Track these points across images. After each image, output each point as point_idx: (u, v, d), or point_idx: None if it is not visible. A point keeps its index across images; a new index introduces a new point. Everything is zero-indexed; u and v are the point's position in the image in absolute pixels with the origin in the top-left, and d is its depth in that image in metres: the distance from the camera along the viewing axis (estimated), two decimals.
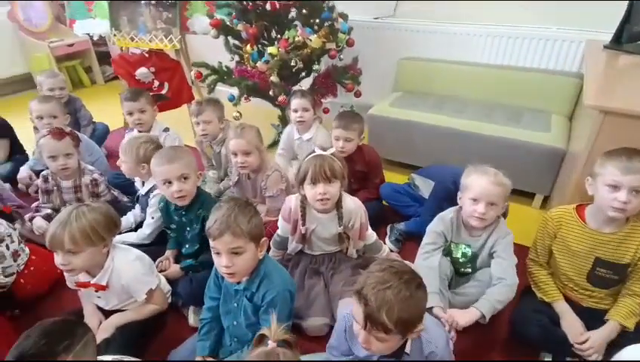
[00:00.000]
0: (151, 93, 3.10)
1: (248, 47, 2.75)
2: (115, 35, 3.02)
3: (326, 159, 1.54)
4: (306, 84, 2.96)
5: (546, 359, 1.42)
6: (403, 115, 2.60)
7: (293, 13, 2.72)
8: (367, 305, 0.94)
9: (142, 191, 1.99)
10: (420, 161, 2.55)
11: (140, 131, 2.37)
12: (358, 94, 2.90)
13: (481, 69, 2.72)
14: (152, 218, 1.90)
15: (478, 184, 1.42)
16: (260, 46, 2.81)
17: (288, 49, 2.61)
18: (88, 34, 3.21)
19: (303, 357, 1.35)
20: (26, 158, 2.69)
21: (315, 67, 2.71)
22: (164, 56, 3.08)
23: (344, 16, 2.77)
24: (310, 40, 2.58)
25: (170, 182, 1.62)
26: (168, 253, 1.83)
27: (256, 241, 1.24)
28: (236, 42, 2.88)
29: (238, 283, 1.31)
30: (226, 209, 1.22)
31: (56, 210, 2.10)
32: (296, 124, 2.36)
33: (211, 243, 1.21)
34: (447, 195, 1.95)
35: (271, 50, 2.64)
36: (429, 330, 1.08)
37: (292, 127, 2.46)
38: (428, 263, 1.52)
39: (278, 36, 2.77)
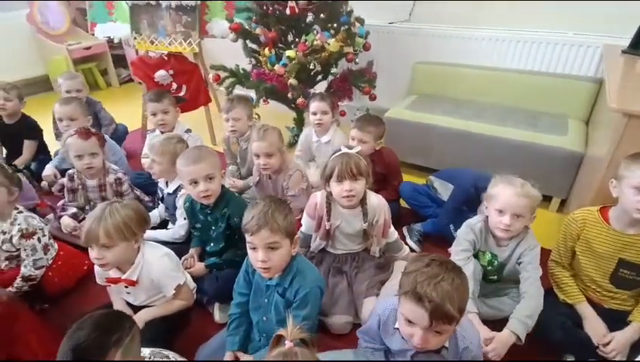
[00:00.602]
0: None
1: (266, 51, 2.80)
2: (135, 39, 3.08)
3: (352, 157, 1.57)
4: (321, 87, 3.01)
5: (569, 360, 1.42)
6: (419, 118, 2.63)
7: (310, 17, 2.76)
8: (430, 301, 0.95)
9: (168, 190, 2.02)
10: (437, 164, 2.58)
11: (162, 132, 2.42)
12: (372, 97, 2.94)
13: (497, 73, 2.75)
14: (185, 218, 1.93)
15: (504, 195, 1.42)
16: (276, 49, 2.86)
17: (306, 52, 2.66)
18: (109, 37, 3.27)
19: (326, 355, 1.38)
20: (49, 158, 2.74)
21: (333, 70, 2.75)
22: (183, 59, 3.14)
23: (361, 21, 2.81)
24: (328, 44, 2.62)
25: (196, 182, 1.65)
26: (192, 251, 1.86)
27: (291, 238, 1.27)
28: (253, 46, 2.93)
29: (270, 279, 1.34)
30: (262, 205, 1.25)
31: (81, 209, 2.15)
32: (314, 127, 2.40)
33: (248, 238, 1.24)
34: (466, 199, 1.98)
35: (289, 53, 2.68)
36: (463, 327, 1.10)
37: (310, 130, 2.49)
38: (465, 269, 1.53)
39: (296, 40, 2.81)
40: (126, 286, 1.51)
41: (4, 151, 2.76)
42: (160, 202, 2.15)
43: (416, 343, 1.02)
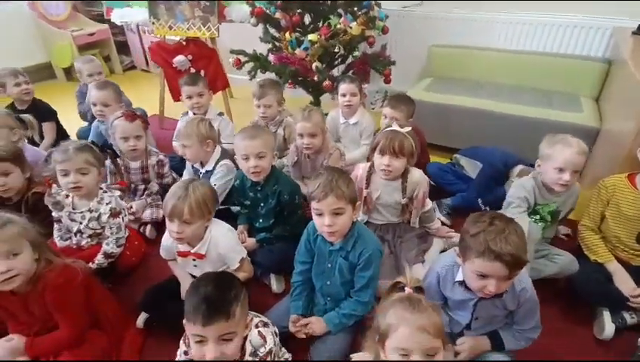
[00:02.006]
0: None
1: (287, 35, 2.85)
2: (153, 24, 3.08)
3: (398, 135, 1.68)
4: (337, 71, 3.08)
5: (604, 312, 1.58)
6: (439, 99, 2.74)
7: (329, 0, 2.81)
8: (507, 254, 1.06)
9: (207, 168, 2.06)
10: (457, 143, 2.70)
11: (195, 115, 2.46)
12: (387, 81, 3.02)
13: (510, 54, 2.88)
14: (215, 185, 1.98)
15: (563, 154, 1.57)
16: (296, 33, 2.90)
17: (327, 36, 2.73)
18: (126, 22, 3.25)
19: None
20: None
21: (355, 53, 2.82)
22: (201, 44, 3.16)
23: (378, 4, 2.87)
24: (350, 27, 2.69)
25: (247, 158, 1.73)
26: (241, 227, 1.95)
27: (353, 204, 1.37)
28: (271, 30, 2.97)
29: (332, 244, 1.44)
30: (327, 175, 1.34)
31: (122, 191, 2.20)
32: (342, 108, 2.48)
33: (315, 205, 1.32)
34: (496, 175, 2.13)
35: (311, 37, 2.74)
36: None
37: (337, 112, 2.57)
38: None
39: (318, 24, 2.86)
40: (194, 260, 1.59)
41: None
42: None
43: (491, 292, 1.14)
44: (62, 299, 1.28)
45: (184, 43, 3.13)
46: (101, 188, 1.78)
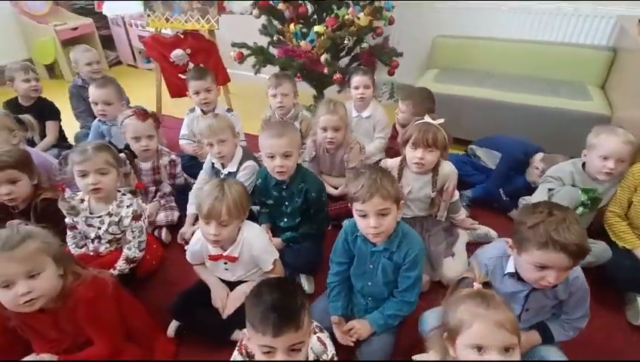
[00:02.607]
0: (184, 76, 3.08)
1: (292, 26, 2.77)
2: (149, 16, 2.94)
3: (431, 127, 1.64)
4: (342, 63, 3.02)
5: (638, 298, 1.60)
6: (448, 90, 2.71)
7: None
8: (572, 244, 1.05)
9: (229, 169, 1.98)
10: (466, 134, 2.69)
11: (203, 111, 2.37)
12: (391, 73, 2.99)
13: (515, 44, 2.88)
14: None
15: (609, 143, 1.60)
16: (299, 25, 2.82)
17: (334, 28, 2.66)
18: (119, 15, 3.10)
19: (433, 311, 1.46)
20: (69, 147, 2.61)
21: (364, 45, 2.77)
22: (200, 37, 3.04)
23: None
24: (358, 18, 2.63)
25: (273, 157, 1.67)
26: (264, 227, 1.88)
27: (397, 203, 1.33)
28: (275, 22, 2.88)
29: (375, 245, 1.40)
30: (369, 174, 1.29)
31: (133, 193, 2.09)
32: (355, 102, 2.43)
33: (359, 206, 1.27)
34: (516, 165, 2.13)
35: (317, 28, 2.67)
36: None
37: (350, 105, 2.51)
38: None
39: (322, 15, 2.79)
40: (225, 263, 1.53)
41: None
42: None
43: (550, 283, 1.12)
44: (94, 314, 1.20)
45: (182, 36, 3.01)
46: (119, 191, 1.68)
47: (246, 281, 1.58)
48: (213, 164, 2.06)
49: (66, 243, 1.70)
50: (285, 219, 1.86)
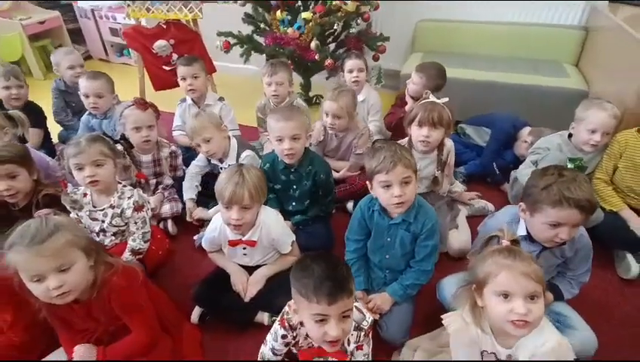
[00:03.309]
0: (169, 68, 3.02)
1: (278, 14, 2.76)
2: (129, 6, 2.84)
3: (436, 106, 1.71)
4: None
5: (627, 255, 1.74)
6: None
7: None
8: (584, 200, 1.14)
9: (227, 162, 1.97)
10: (455, 114, 2.78)
11: (192, 99, 2.34)
12: (376, 57, 3.04)
13: (495, 26, 3.00)
14: None
15: (597, 117, 1.71)
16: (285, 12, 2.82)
17: (322, 14, 2.67)
18: (96, 7, 2.97)
19: (451, 278, 1.54)
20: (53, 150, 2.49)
21: (352, 30, 2.79)
22: (183, 27, 2.97)
23: None
24: (346, 4, 2.66)
25: (281, 140, 1.69)
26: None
27: (415, 174, 1.38)
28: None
29: (391, 218, 1.45)
30: (387, 147, 1.35)
31: (133, 186, 2.05)
32: (350, 85, 2.46)
33: (382, 177, 1.32)
34: (506, 139, 2.24)
35: (305, 15, 2.68)
36: None
37: None
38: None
39: (308, 2, 2.79)
40: (244, 248, 1.54)
41: None
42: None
43: (562, 239, 1.22)
44: (130, 302, 1.19)
45: (164, 26, 2.92)
46: (120, 183, 1.65)
47: (264, 265, 1.60)
48: (209, 160, 2.05)
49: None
50: (294, 203, 1.88)
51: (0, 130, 1.80)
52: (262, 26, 2.95)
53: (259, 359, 1.21)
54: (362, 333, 1.10)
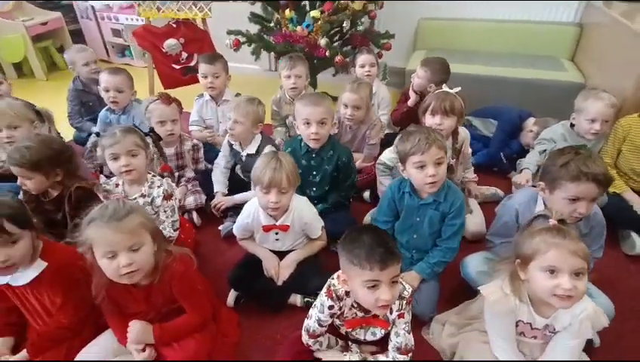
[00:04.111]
0: (178, 67, 3.08)
1: (287, 12, 2.84)
2: (139, 5, 2.88)
3: (449, 95, 1.80)
4: None
5: (632, 233, 1.86)
6: None
7: None
8: (601, 174, 1.25)
9: (248, 151, 2.03)
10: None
11: (211, 96, 2.39)
12: (380, 55, 3.13)
13: (493, 24, 3.14)
14: None
15: (595, 107, 1.82)
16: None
17: (330, 12, 2.76)
18: (107, 5, 3.00)
19: (473, 258, 1.63)
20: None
21: (360, 27, 2.89)
22: (193, 26, 3.04)
23: None
24: (352, 2, 2.75)
25: (309, 123, 1.76)
26: None
27: (446, 155, 1.47)
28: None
29: (421, 198, 1.54)
30: (420, 130, 1.45)
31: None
32: (363, 80, 2.54)
33: (418, 158, 1.40)
34: (512, 129, 2.35)
35: (313, 13, 2.76)
36: None
37: None
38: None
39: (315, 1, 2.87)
40: (276, 233, 1.61)
41: None
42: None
43: (581, 214, 1.31)
44: (188, 287, 1.26)
45: (174, 25, 2.98)
46: (149, 173, 1.71)
47: (293, 251, 1.67)
48: (231, 146, 2.11)
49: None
50: (314, 188, 1.94)
51: (30, 124, 1.83)
52: (270, 24, 3.02)
53: (303, 332, 1.28)
54: (404, 301, 1.17)
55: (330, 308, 1.18)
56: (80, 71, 2.54)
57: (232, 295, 1.61)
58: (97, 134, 1.74)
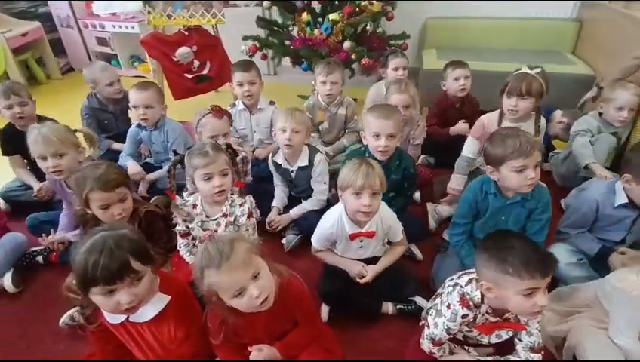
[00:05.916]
0: (191, 76, 2.96)
1: (304, 15, 2.80)
2: (149, 13, 2.73)
3: (527, 76, 1.85)
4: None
5: None
6: None
7: None
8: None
9: (299, 163, 1.97)
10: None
11: (245, 104, 2.31)
12: None
13: (497, 21, 3.28)
14: (325, 182, 1.99)
15: (622, 96, 1.94)
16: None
17: (350, 14, 2.75)
18: (114, 13, 2.82)
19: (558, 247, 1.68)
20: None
21: (379, 29, 2.90)
22: (205, 33, 2.92)
23: None
24: (372, 4, 2.76)
25: (378, 136, 1.74)
26: None
27: None
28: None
29: (508, 198, 1.56)
30: (515, 133, 1.46)
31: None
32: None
33: (521, 161, 1.41)
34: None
35: (333, 16, 2.74)
36: None
37: (378, 86, 2.62)
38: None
39: (329, 4, 2.85)
40: (361, 241, 1.58)
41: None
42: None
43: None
44: (304, 301, 1.21)
45: (186, 33, 2.85)
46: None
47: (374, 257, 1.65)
48: (276, 163, 2.04)
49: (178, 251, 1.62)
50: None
51: (76, 150, 1.69)
52: (281, 29, 2.96)
53: (425, 341, 1.27)
54: None
55: (464, 316, 1.17)
56: (102, 90, 2.37)
57: (324, 309, 1.57)
58: (175, 152, 1.61)
